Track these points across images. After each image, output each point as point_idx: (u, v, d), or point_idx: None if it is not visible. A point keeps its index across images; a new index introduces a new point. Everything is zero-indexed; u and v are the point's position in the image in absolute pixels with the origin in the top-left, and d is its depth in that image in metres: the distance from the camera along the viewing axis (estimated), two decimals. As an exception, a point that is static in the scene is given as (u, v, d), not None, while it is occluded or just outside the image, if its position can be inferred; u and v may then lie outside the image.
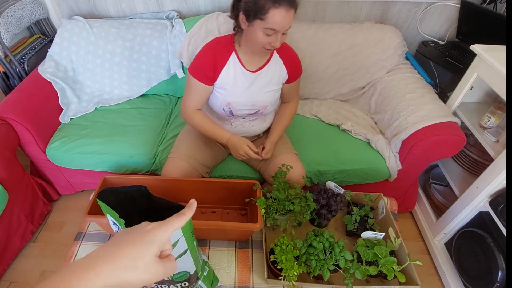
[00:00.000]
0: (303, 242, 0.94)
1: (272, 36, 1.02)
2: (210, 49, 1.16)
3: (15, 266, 1.51)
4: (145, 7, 1.85)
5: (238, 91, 1.19)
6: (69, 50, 1.73)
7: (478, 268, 1.26)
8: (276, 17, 0.97)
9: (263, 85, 1.21)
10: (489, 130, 1.30)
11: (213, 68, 1.15)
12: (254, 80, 1.20)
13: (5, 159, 1.38)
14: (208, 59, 1.15)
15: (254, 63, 1.19)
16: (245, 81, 1.19)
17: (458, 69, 1.58)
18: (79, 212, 1.76)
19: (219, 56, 1.15)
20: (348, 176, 1.47)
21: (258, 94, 1.22)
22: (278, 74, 1.22)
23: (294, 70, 1.25)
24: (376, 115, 1.66)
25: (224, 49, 1.16)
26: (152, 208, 0.83)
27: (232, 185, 1.14)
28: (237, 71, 1.17)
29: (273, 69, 1.21)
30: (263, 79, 1.21)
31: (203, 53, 1.17)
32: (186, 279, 0.84)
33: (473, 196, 1.28)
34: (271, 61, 1.20)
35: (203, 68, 1.15)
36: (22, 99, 1.51)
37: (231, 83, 1.18)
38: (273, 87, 1.23)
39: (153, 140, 1.55)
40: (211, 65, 1.15)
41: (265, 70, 1.20)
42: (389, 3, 1.76)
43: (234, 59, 1.16)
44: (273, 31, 1.00)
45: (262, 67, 1.19)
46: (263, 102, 1.24)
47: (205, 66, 1.15)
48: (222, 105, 1.23)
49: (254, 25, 1.01)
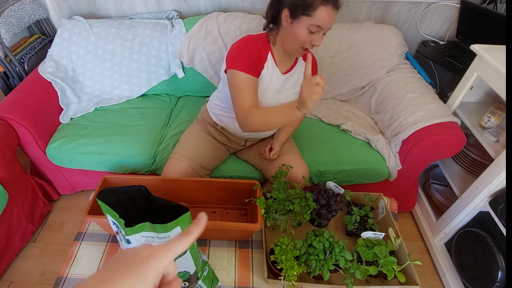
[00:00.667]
0: (303, 242, 0.94)
1: (315, 34, 1.02)
2: (250, 43, 1.11)
3: (15, 266, 1.51)
4: (145, 7, 1.85)
5: (271, 92, 1.18)
6: (69, 50, 1.73)
7: (478, 268, 1.26)
8: (324, 14, 0.97)
9: (290, 87, 1.22)
10: (489, 130, 1.30)
11: (258, 60, 1.11)
12: (285, 82, 1.20)
13: (5, 159, 1.38)
14: (253, 51, 1.10)
15: (285, 65, 1.19)
16: (278, 82, 1.19)
17: (458, 69, 1.58)
18: (79, 212, 1.76)
19: (260, 51, 1.12)
20: (348, 176, 1.47)
21: (286, 96, 1.21)
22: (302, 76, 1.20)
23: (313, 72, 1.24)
24: (376, 115, 1.66)
25: (262, 47, 1.13)
26: (152, 208, 0.83)
27: (232, 185, 1.14)
28: (273, 71, 1.16)
29: (299, 71, 1.22)
30: (291, 81, 1.22)
31: (245, 47, 1.10)
32: (186, 279, 0.84)
33: (473, 196, 1.28)
34: (298, 63, 1.21)
35: (253, 59, 1.09)
36: (22, 99, 1.51)
37: (267, 83, 1.16)
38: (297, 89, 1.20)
39: (153, 140, 1.55)
40: (256, 57, 1.10)
41: (292, 73, 1.21)
42: (389, 3, 1.76)
43: (271, 59, 1.15)
44: (317, 28, 1.00)
45: (290, 69, 1.21)
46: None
47: (253, 58, 1.09)
48: None
49: (299, 21, 1.01)
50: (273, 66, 1.16)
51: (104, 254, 1.05)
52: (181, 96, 1.90)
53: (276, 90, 1.20)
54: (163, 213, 0.81)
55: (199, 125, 1.43)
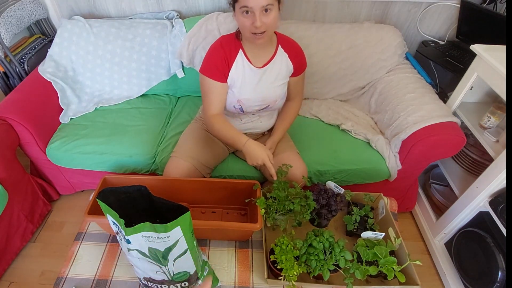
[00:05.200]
0: (303, 242, 0.94)
1: (250, 16, 1.00)
2: (219, 47, 1.16)
3: (15, 266, 1.51)
4: (145, 7, 1.84)
5: (248, 88, 1.20)
6: (69, 50, 1.73)
7: (478, 268, 1.26)
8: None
9: (271, 80, 1.22)
10: (489, 130, 1.30)
11: (225, 64, 1.16)
12: (262, 75, 1.20)
13: (5, 159, 1.38)
14: (219, 56, 1.15)
15: (260, 59, 1.19)
16: (253, 77, 1.20)
17: (458, 69, 1.58)
18: (79, 212, 1.76)
19: (228, 53, 1.16)
20: (348, 176, 1.47)
21: (267, 90, 1.23)
22: (285, 67, 1.23)
23: (299, 63, 1.26)
24: (376, 115, 1.66)
25: (232, 47, 1.16)
26: (152, 208, 0.83)
27: (232, 185, 1.14)
28: (245, 68, 1.18)
29: (279, 63, 1.21)
30: (271, 74, 1.21)
31: (213, 51, 1.17)
32: (186, 279, 0.84)
33: (473, 196, 1.28)
34: (276, 55, 1.20)
35: (216, 65, 1.15)
36: (22, 99, 1.51)
37: (241, 80, 1.19)
38: (281, 81, 1.24)
39: (153, 140, 1.55)
40: (223, 61, 1.15)
41: (272, 65, 1.20)
42: (389, 3, 1.76)
43: (241, 56, 1.17)
44: (247, 9, 0.98)
45: (268, 62, 1.20)
46: (273, 97, 1.24)
47: (218, 62, 1.15)
48: (232, 103, 1.23)
49: (236, 9, 1.02)
50: (246, 62, 1.17)
51: (104, 254, 1.05)
52: (181, 96, 1.90)
53: (253, 84, 1.20)
54: (163, 213, 0.81)
55: (197, 124, 1.43)
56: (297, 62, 1.25)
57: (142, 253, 0.76)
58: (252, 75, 1.19)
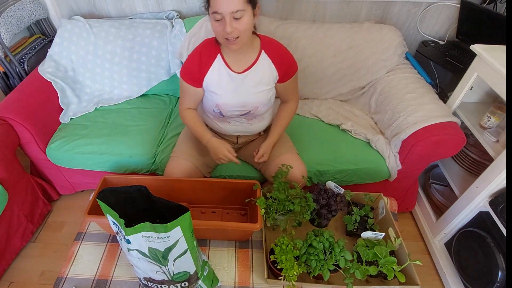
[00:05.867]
0: (303, 242, 0.94)
1: (221, 22, 0.97)
2: (197, 51, 1.15)
3: (15, 266, 1.51)
4: (145, 7, 1.84)
5: (225, 93, 1.17)
6: (69, 50, 1.73)
7: (478, 268, 1.26)
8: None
9: (251, 86, 1.17)
10: (489, 130, 1.30)
11: (199, 70, 1.14)
12: (242, 81, 1.16)
13: (5, 159, 1.38)
14: (194, 61, 1.14)
15: (241, 64, 1.15)
16: (231, 83, 1.16)
17: (458, 69, 1.58)
18: (79, 212, 1.76)
19: (205, 58, 1.14)
20: (348, 176, 1.47)
21: (247, 96, 1.19)
22: (268, 73, 1.17)
23: (285, 68, 1.19)
24: (376, 115, 1.66)
25: (211, 51, 1.14)
26: (152, 208, 0.83)
27: (232, 185, 1.14)
28: (222, 73, 1.15)
29: (262, 69, 1.16)
30: (252, 80, 1.17)
31: (191, 56, 1.16)
32: (186, 279, 0.84)
33: (473, 196, 1.28)
34: (258, 61, 1.15)
35: (190, 71, 1.15)
36: (22, 99, 1.51)
37: (216, 85, 1.16)
38: (263, 88, 1.19)
39: (153, 140, 1.55)
40: (196, 68, 1.14)
41: (253, 71, 1.16)
42: (389, 3, 1.76)
43: (219, 61, 1.14)
44: (219, 15, 0.96)
45: (249, 68, 1.15)
46: (253, 103, 1.21)
47: (191, 68, 1.15)
48: (211, 106, 1.22)
49: (210, 17, 1.00)
50: (223, 68, 1.15)
51: (104, 254, 1.05)
52: (181, 96, 1.90)
53: (230, 89, 1.17)
54: (163, 213, 0.81)
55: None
56: (283, 68, 1.18)
57: (142, 253, 0.76)
58: (230, 81, 1.16)
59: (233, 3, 0.94)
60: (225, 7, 0.94)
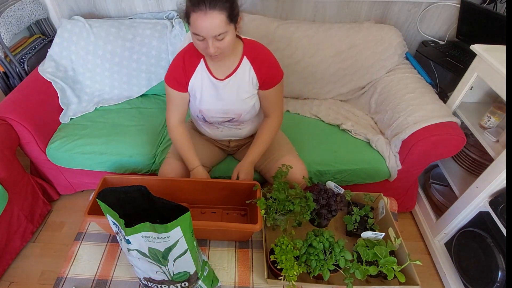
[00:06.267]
0: (303, 242, 0.94)
1: (204, 42, 0.95)
2: (180, 56, 1.12)
3: (15, 266, 1.51)
4: (145, 7, 1.84)
5: (208, 99, 1.15)
6: (69, 50, 1.73)
7: (478, 268, 1.26)
8: (197, 22, 0.91)
9: (233, 94, 1.14)
10: (489, 130, 1.30)
11: (184, 74, 1.12)
12: (223, 88, 1.14)
13: (5, 159, 1.38)
14: (178, 66, 1.12)
15: (223, 71, 1.12)
16: (213, 89, 1.14)
17: (458, 69, 1.58)
18: (79, 212, 1.76)
19: (189, 62, 1.11)
20: (348, 176, 1.47)
21: (229, 103, 1.16)
22: (249, 80, 1.13)
23: (266, 76, 1.12)
24: (376, 115, 1.66)
25: (194, 56, 1.11)
26: (152, 208, 0.83)
27: (232, 185, 1.14)
28: (204, 79, 1.13)
29: (242, 76, 1.12)
30: (233, 87, 1.13)
31: (175, 60, 1.13)
32: (186, 279, 0.84)
33: (473, 196, 1.28)
34: (239, 68, 1.11)
35: (175, 75, 1.12)
36: (22, 99, 1.51)
37: (200, 91, 1.14)
38: (245, 95, 1.15)
39: (153, 140, 1.55)
40: (181, 71, 1.12)
41: (234, 78, 1.12)
42: (389, 3, 1.76)
43: (202, 66, 1.12)
44: (201, 37, 0.93)
45: (230, 75, 1.12)
46: (236, 110, 1.18)
47: (176, 72, 1.12)
48: (195, 112, 1.21)
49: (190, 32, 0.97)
50: (206, 73, 1.12)
51: (104, 254, 1.05)
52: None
53: (212, 96, 1.15)
54: (163, 213, 0.81)
55: (188, 125, 1.43)
56: (263, 74, 1.12)
57: (142, 253, 0.76)
58: (212, 87, 1.13)
59: (214, 29, 0.91)
60: (206, 32, 0.91)
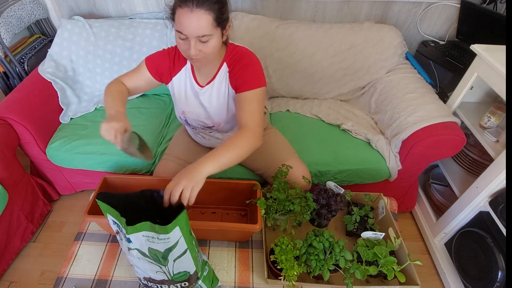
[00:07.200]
0: (303, 242, 0.94)
1: (186, 42, 0.90)
2: (173, 50, 1.09)
3: (15, 266, 1.51)
4: (145, 7, 1.84)
5: (189, 103, 1.13)
6: (69, 50, 1.73)
7: (478, 268, 1.26)
8: (181, 18, 0.86)
9: (210, 101, 1.11)
10: (489, 130, 1.30)
11: (168, 67, 1.09)
12: (203, 95, 1.10)
13: (5, 159, 1.38)
14: (167, 57, 1.08)
15: (205, 76, 1.08)
16: (193, 95, 1.11)
17: (458, 69, 1.58)
18: (79, 212, 1.76)
19: (178, 59, 1.08)
20: (349, 176, 1.47)
21: (208, 110, 1.13)
22: (225, 87, 1.07)
23: (238, 79, 1.02)
24: (376, 115, 1.66)
25: (181, 58, 1.08)
26: (152, 208, 0.83)
27: (232, 185, 1.13)
28: (187, 83, 1.10)
29: (220, 83, 1.07)
30: (211, 95, 1.09)
31: (167, 50, 1.09)
32: (186, 279, 0.84)
33: (473, 196, 1.28)
34: (218, 74, 1.06)
35: (158, 62, 1.08)
36: (22, 99, 1.51)
37: (183, 93, 1.12)
38: (221, 102, 1.10)
39: (153, 140, 1.55)
40: (168, 63, 1.08)
41: (212, 85, 1.08)
42: (389, 3, 1.76)
43: (186, 70, 1.09)
44: (184, 36, 0.88)
45: (209, 82, 1.08)
46: (215, 119, 1.15)
47: (162, 61, 1.08)
48: (178, 113, 1.20)
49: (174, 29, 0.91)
50: (189, 77, 1.09)
51: (104, 254, 1.05)
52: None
53: (192, 101, 1.12)
54: (163, 212, 0.81)
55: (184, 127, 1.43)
56: (237, 78, 1.02)
57: (142, 252, 0.76)
58: (192, 92, 1.11)
59: (199, 29, 0.86)
60: (190, 31, 0.86)
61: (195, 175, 0.87)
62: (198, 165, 0.89)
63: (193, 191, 0.84)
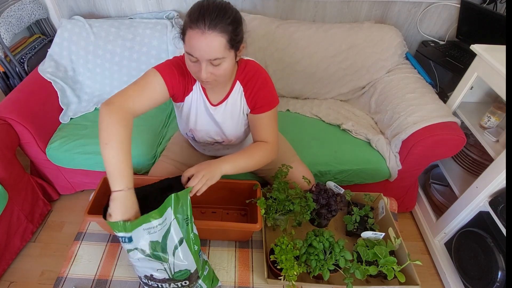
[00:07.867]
0: (303, 242, 0.94)
1: (197, 64, 0.85)
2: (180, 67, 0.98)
3: (15, 266, 1.51)
4: (145, 7, 1.85)
5: (201, 122, 1.10)
6: (69, 50, 1.73)
7: (478, 268, 1.26)
8: (192, 41, 0.81)
9: (224, 119, 1.08)
10: (489, 130, 1.30)
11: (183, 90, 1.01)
12: (215, 114, 1.07)
13: (5, 159, 1.38)
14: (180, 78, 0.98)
15: (217, 95, 1.04)
16: (205, 114, 1.07)
17: (458, 69, 1.58)
18: (79, 212, 1.76)
19: (188, 78, 1.00)
20: (349, 176, 1.47)
21: (219, 128, 1.11)
22: (240, 105, 1.05)
23: (255, 100, 1.02)
24: (376, 115, 1.66)
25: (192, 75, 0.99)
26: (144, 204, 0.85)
27: (232, 185, 1.13)
28: (199, 102, 1.05)
29: (234, 101, 1.04)
30: (226, 113, 1.07)
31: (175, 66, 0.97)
32: (186, 278, 0.84)
33: (473, 196, 1.28)
34: (232, 93, 1.03)
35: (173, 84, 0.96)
36: (22, 99, 1.51)
37: (194, 112, 1.07)
38: (237, 121, 1.09)
39: (152, 140, 1.55)
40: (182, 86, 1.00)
41: (226, 104, 1.05)
42: (389, 3, 1.76)
43: (198, 88, 1.03)
44: (195, 58, 0.83)
45: (223, 100, 1.04)
46: (228, 136, 1.14)
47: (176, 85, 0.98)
48: (185, 130, 1.16)
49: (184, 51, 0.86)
50: (201, 96, 1.03)
51: (104, 254, 1.05)
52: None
53: (204, 120, 1.08)
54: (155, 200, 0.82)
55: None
56: (253, 99, 1.01)
57: (142, 251, 0.77)
58: (204, 111, 1.07)
59: (210, 52, 0.81)
60: (201, 54, 0.81)
61: (213, 169, 0.93)
62: (218, 162, 0.95)
63: (207, 183, 0.90)
